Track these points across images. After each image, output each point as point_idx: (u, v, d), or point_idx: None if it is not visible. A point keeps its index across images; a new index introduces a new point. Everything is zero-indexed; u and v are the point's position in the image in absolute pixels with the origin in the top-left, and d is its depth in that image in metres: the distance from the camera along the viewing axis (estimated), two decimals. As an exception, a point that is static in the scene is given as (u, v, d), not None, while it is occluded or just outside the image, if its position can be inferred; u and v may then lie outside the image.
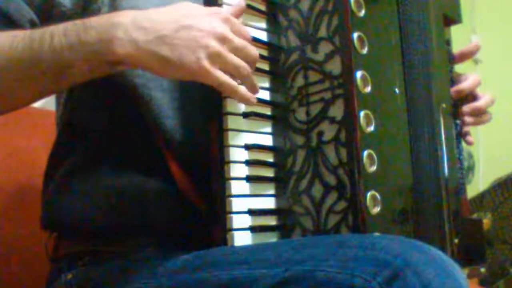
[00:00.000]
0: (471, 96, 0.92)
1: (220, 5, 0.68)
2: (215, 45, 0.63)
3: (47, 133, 0.86)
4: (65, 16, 0.74)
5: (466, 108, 0.90)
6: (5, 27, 0.70)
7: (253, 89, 0.68)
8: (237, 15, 0.69)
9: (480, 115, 0.91)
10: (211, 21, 0.64)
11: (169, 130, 0.75)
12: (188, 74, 0.63)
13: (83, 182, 0.77)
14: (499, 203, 1.61)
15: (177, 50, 0.62)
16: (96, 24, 0.64)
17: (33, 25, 0.73)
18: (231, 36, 0.65)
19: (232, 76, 0.66)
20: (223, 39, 0.64)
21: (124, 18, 0.64)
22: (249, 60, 0.67)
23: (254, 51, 0.67)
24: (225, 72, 0.65)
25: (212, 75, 0.63)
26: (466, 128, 0.93)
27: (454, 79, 0.91)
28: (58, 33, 0.64)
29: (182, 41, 0.63)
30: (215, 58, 0.63)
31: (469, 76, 0.92)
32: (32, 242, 0.97)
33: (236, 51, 0.65)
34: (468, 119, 0.90)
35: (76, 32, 0.64)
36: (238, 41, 0.65)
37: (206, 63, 0.62)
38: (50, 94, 0.79)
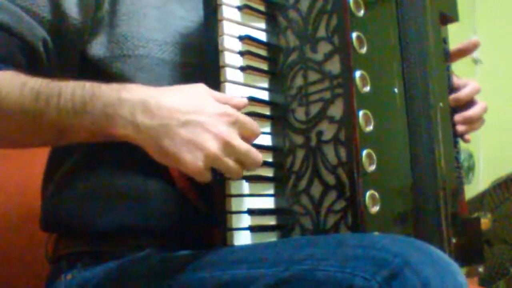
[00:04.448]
0: (467, 103, 0.90)
1: (219, 5, 0.69)
2: (216, 150, 0.63)
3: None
4: (76, 29, 0.74)
5: (458, 117, 0.89)
6: (18, 51, 0.71)
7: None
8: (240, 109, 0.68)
9: (472, 123, 0.91)
10: (219, 123, 0.64)
11: None
12: (182, 168, 0.63)
13: (82, 183, 0.77)
14: (499, 203, 1.61)
15: (177, 145, 0.62)
16: (104, 95, 0.64)
17: (45, 44, 0.73)
18: (235, 142, 0.64)
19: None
20: (225, 144, 0.63)
21: (134, 95, 0.64)
22: (251, 165, 0.67)
23: (257, 155, 0.67)
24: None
25: (205, 175, 0.64)
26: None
27: (452, 81, 0.90)
28: (66, 94, 0.65)
29: (184, 137, 0.62)
30: (212, 161, 0.63)
31: (468, 83, 0.91)
32: (32, 242, 0.97)
33: (239, 156, 0.65)
34: (460, 127, 0.89)
35: (83, 99, 0.64)
36: (242, 147, 0.65)
37: (202, 165, 0.63)
38: (51, 145, 0.83)
